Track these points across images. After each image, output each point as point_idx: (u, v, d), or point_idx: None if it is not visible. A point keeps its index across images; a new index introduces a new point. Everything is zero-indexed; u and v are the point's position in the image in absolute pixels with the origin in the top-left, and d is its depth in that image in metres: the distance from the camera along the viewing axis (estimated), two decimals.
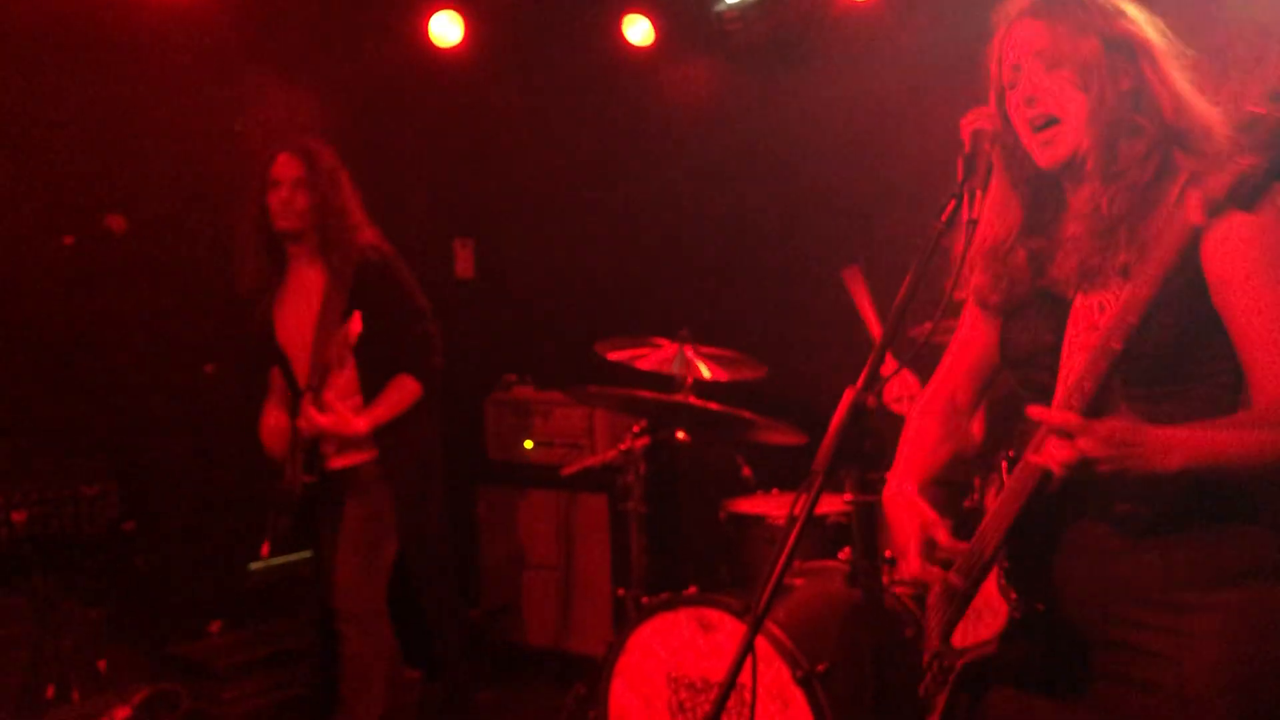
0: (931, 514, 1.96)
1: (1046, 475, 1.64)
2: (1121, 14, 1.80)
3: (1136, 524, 1.73)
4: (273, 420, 3.57)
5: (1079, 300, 1.79)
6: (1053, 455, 1.56)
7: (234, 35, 4.33)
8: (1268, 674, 1.67)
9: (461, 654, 4.17)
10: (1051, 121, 1.78)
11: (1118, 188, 1.73)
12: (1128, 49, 1.76)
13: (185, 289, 4.16)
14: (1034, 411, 1.59)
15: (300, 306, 3.52)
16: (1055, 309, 1.84)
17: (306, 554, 3.92)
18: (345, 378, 3.50)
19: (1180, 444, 1.58)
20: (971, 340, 2.09)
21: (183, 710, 3.77)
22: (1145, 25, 1.80)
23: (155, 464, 4.06)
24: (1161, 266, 1.52)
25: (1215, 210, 1.47)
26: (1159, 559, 1.72)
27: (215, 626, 4.06)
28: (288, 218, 3.46)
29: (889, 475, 2.14)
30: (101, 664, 3.80)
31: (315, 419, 3.35)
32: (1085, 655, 1.80)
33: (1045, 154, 1.80)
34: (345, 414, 3.41)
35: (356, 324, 3.27)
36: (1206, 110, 1.74)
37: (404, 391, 3.53)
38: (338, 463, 3.51)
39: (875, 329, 3.55)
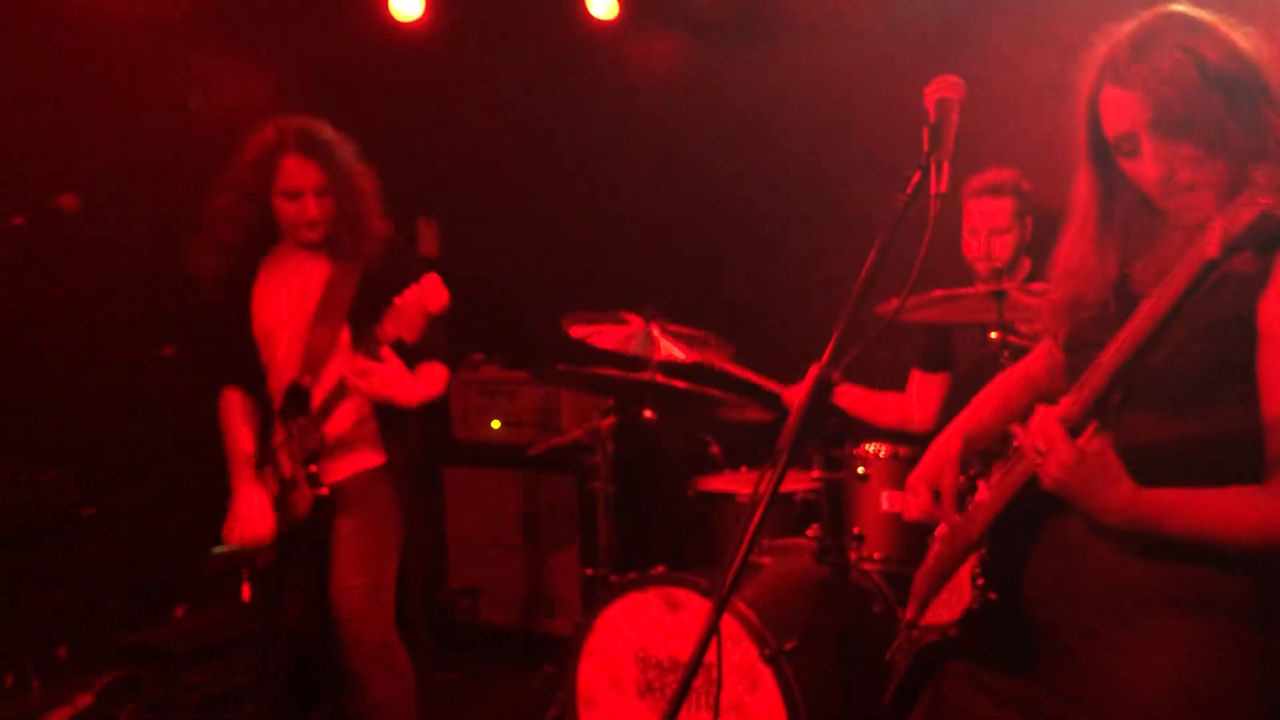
0: (952, 474, 1.97)
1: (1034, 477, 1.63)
2: (1225, 48, 1.64)
3: (1113, 533, 1.66)
4: (251, 497, 3.16)
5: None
6: (1026, 446, 1.58)
7: (188, 10, 4.25)
8: (1214, 712, 1.62)
9: (427, 635, 4.10)
10: (1190, 188, 1.66)
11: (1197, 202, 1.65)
12: (1242, 86, 1.62)
13: (140, 269, 4.09)
14: (1037, 411, 1.58)
15: (293, 298, 3.17)
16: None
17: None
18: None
19: (1129, 499, 1.56)
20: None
21: (145, 696, 3.72)
22: (1249, 58, 1.65)
23: (113, 448, 4.00)
24: (1169, 299, 1.42)
25: (1232, 248, 1.33)
26: (1128, 574, 1.68)
27: (179, 611, 4.01)
28: (311, 230, 3.07)
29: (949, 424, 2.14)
30: (62, 651, 3.75)
31: (370, 367, 2.90)
32: (1038, 653, 1.78)
33: (1183, 218, 1.68)
34: (402, 369, 3.00)
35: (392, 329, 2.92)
36: None
37: (439, 378, 3.18)
38: (334, 475, 3.14)
39: None
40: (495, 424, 4.82)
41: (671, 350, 3.70)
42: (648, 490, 4.63)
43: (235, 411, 3.27)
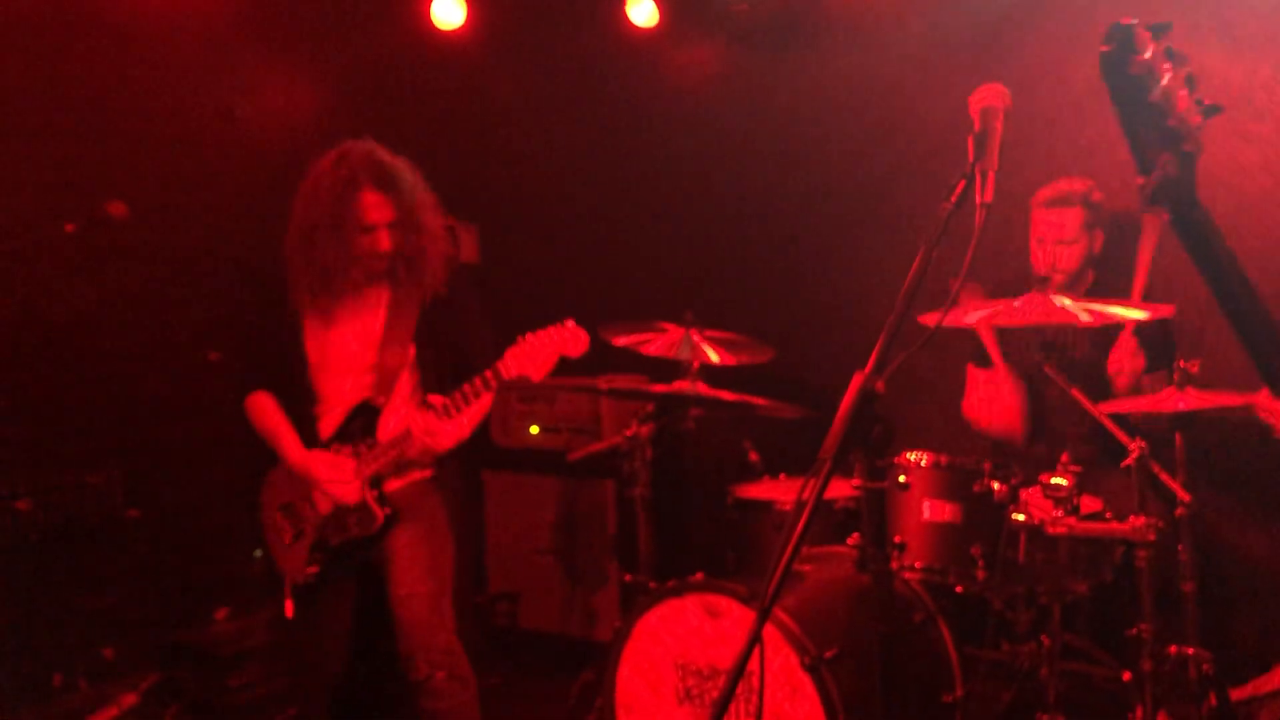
0: None
1: None
2: None
3: None
4: (327, 460, 3.19)
5: None
6: None
7: (233, 18, 4.30)
8: None
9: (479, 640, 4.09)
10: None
11: None
12: None
13: (187, 275, 4.14)
14: None
15: (356, 327, 3.24)
16: None
17: None
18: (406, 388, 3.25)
19: None
20: None
21: (189, 697, 3.76)
22: None
23: (159, 451, 4.05)
24: None
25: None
26: None
27: (221, 614, 4.05)
28: (375, 261, 3.16)
29: None
30: (108, 652, 3.79)
31: (436, 427, 3.03)
32: None
33: None
34: (458, 420, 3.12)
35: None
36: None
37: (487, 400, 3.22)
38: (391, 485, 3.23)
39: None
40: (534, 430, 4.83)
41: (712, 355, 3.70)
42: (686, 497, 4.63)
43: (273, 407, 3.30)
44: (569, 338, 3.06)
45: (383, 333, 3.21)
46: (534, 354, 3.03)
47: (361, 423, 3.20)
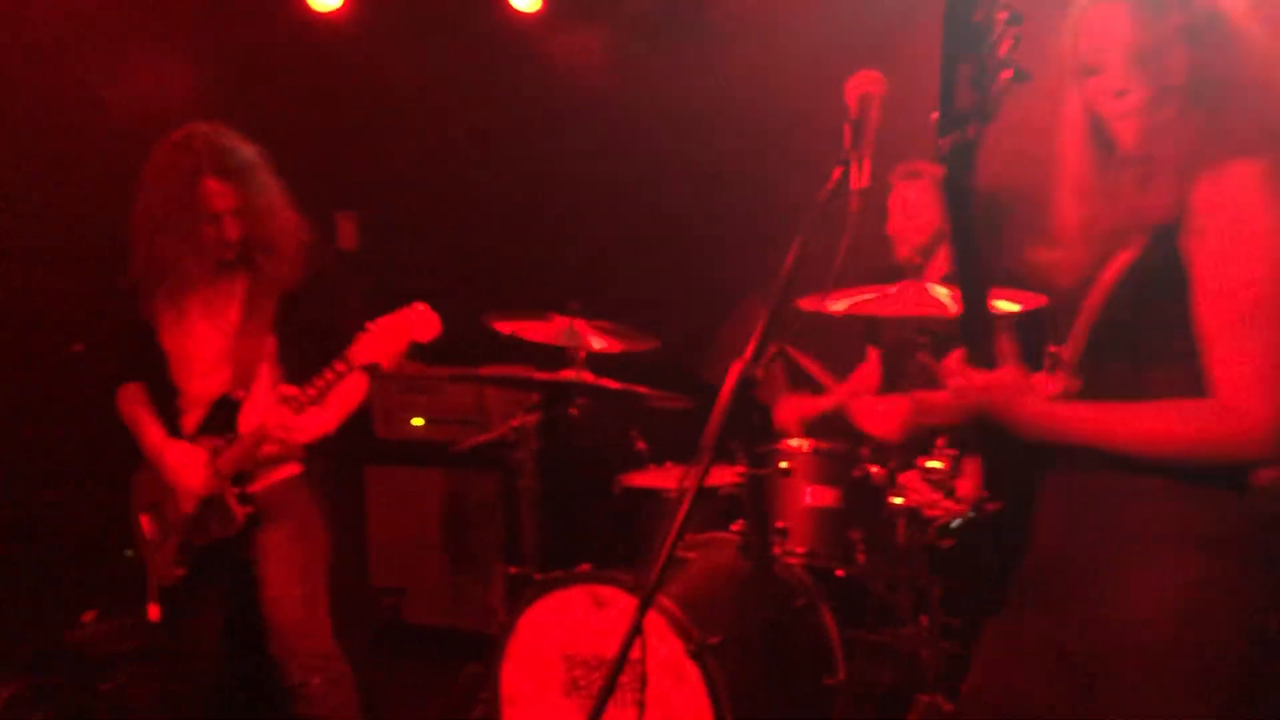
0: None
1: None
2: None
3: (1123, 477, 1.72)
4: (147, 495, 3.16)
5: None
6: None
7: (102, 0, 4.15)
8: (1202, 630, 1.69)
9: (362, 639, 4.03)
10: (1128, 115, 1.74)
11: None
12: (1206, 33, 1.71)
13: (52, 265, 3.98)
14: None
15: (211, 318, 3.15)
16: None
17: None
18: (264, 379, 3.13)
19: (1047, 412, 1.63)
20: None
21: (58, 702, 3.62)
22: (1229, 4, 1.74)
23: (22, 447, 3.88)
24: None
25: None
26: (1136, 511, 1.72)
27: (89, 616, 3.90)
28: (223, 250, 3.06)
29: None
30: None
31: (292, 423, 2.94)
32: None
33: (1121, 140, 1.76)
34: (315, 413, 3.03)
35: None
36: None
37: (359, 388, 3.17)
38: (253, 486, 3.11)
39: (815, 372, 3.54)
40: (417, 422, 4.76)
41: (596, 342, 3.69)
42: (573, 487, 4.61)
43: (139, 397, 3.21)
44: (418, 321, 2.96)
45: (239, 324, 3.11)
46: (383, 339, 2.93)
47: (222, 417, 3.08)
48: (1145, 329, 1.69)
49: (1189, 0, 1.72)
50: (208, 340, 3.14)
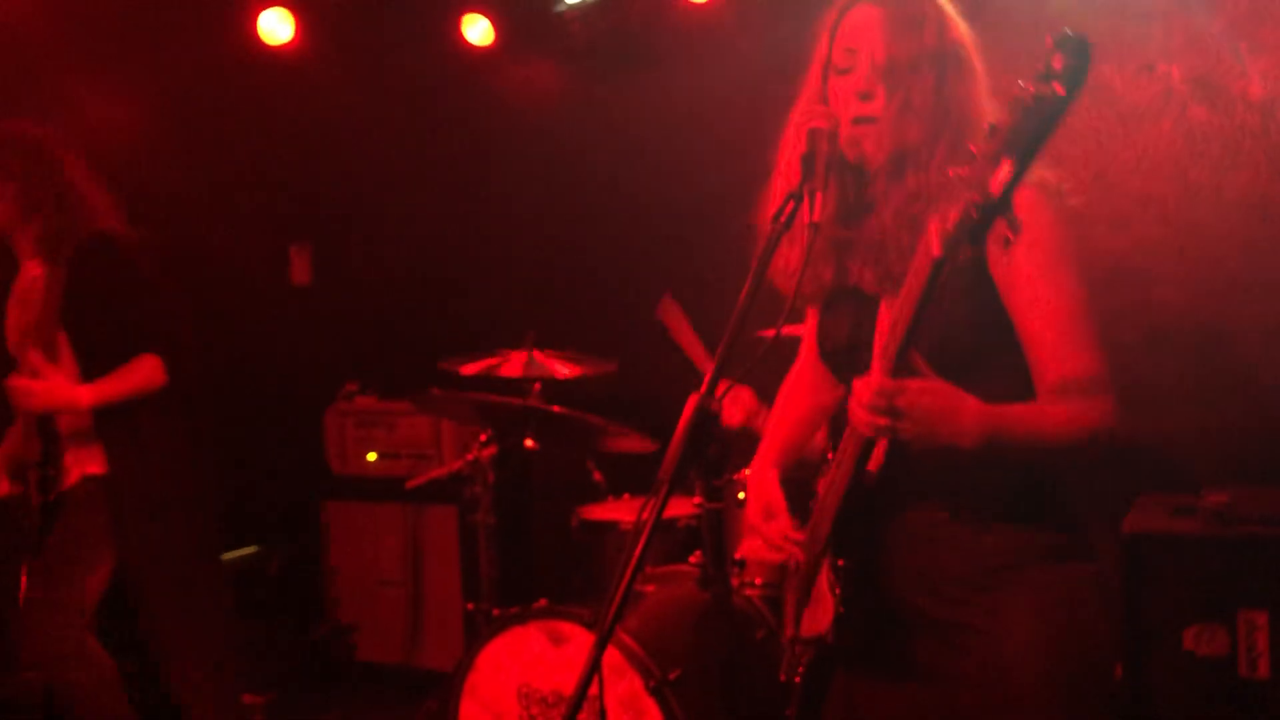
0: (778, 497, 2.03)
1: (866, 445, 1.69)
2: (952, 23, 1.83)
3: (954, 512, 1.81)
4: (7, 447, 3.28)
5: (885, 301, 1.84)
6: (861, 418, 1.59)
7: (51, 31, 4.10)
8: (1074, 641, 1.79)
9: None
10: (870, 120, 1.79)
11: (914, 201, 1.76)
12: (950, 61, 1.79)
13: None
14: (855, 386, 1.61)
15: (24, 302, 3.26)
16: (864, 306, 1.89)
17: None
18: (63, 372, 3.15)
19: (985, 411, 1.63)
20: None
21: None
22: (969, 39, 1.84)
23: None
24: (913, 298, 1.52)
25: (952, 244, 1.42)
26: (973, 542, 1.80)
27: None
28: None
29: (754, 457, 2.20)
30: None
31: (25, 386, 3.01)
32: (912, 638, 1.86)
33: (853, 151, 1.82)
34: (60, 380, 3.07)
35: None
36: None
37: (141, 369, 3.14)
38: (64, 483, 3.18)
39: (699, 358, 3.54)
40: (371, 456, 4.72)
41: (553, 372, 3.69)
42: (530, 521, 4.59)
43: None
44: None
45: (39, 311, 3.15)
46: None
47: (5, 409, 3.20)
48: (961, 338, 1.74)
49: (943, 27, 1.80)
50: (16, 326, 3.27)
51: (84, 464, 3.20)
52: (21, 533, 3.16)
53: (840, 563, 1.83)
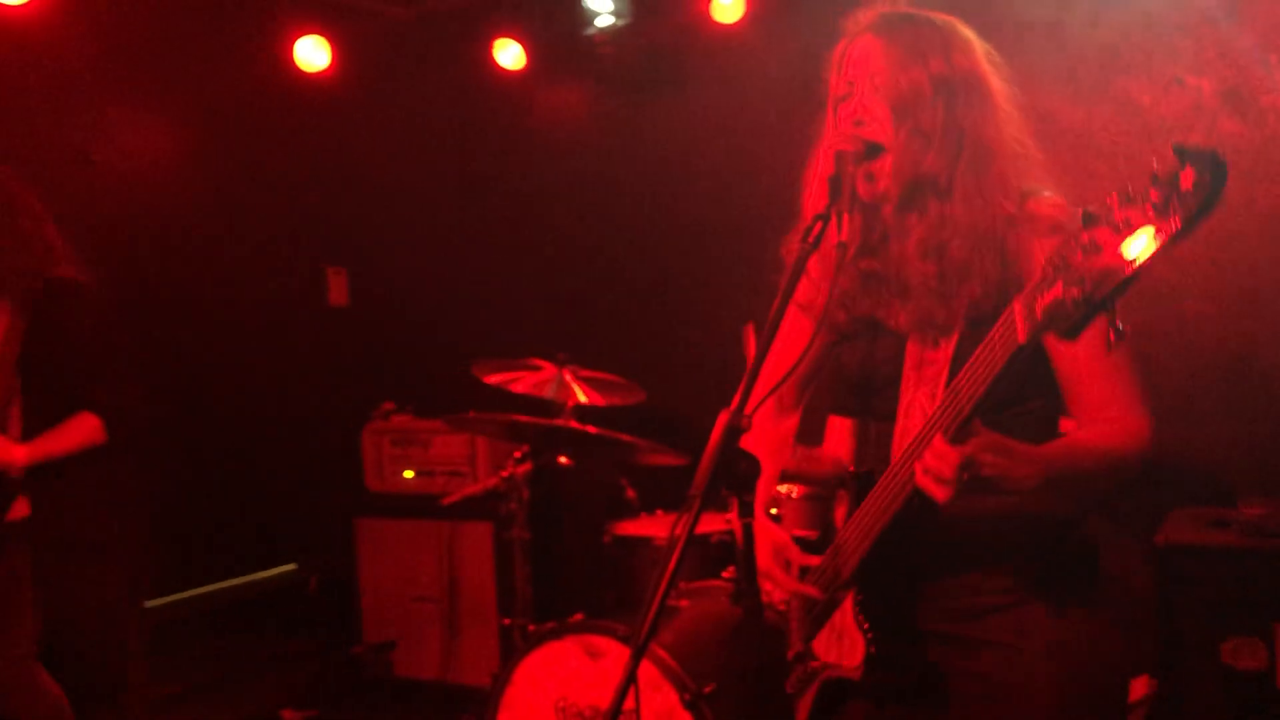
0: (780, 533, 1.99)
1: (912, 496, 1.66)
2: (961, 48, 1.80)
3: (977, 541, 1.81)
4: None
5: (914, 341, 1.83)
6: (936, 489, 1.56)
7: (89, 59, 4.18)
8: (1090, 664, 1.80)
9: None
10: (875, 150, 1.78)
11: (938, 230, 1.76)
12: (959, 86, 1.77)
13: None
14: (927, 457, 1.58)
15: None
16: (893, 341, 1.87)
17: None
18: (10, 417, 3.13)
19: (1042, 454, 1.63)
20: (798, 344, 2.07)
21: None
22: (984, 61, 1.81)
23: None
24: (988, 376, 1.50)
25: (1039, 333, 1.39)
26: (995, 568, 1.82)
27: None
28: None
29: None
30: None
31: None
32: (937, 667, 1.86)
33: (867, 187, 1.81)
34: (2, 440, 3.04)
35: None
36: (1030, 157, 1.79)
37: (80, 429, 3.15)
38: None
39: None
40: (408, 474, 4.77)
41: (584, 395, 3.72)
42: (564, 537, 4.62)
43: None
44: None
45: None
46: None
47: None
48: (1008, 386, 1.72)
49: (950, 52, 1.78)
50: None
51: (14, 512, 3.16)
52: None
53: (867, 599, 1.84)
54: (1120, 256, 1.23)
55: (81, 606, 3.27)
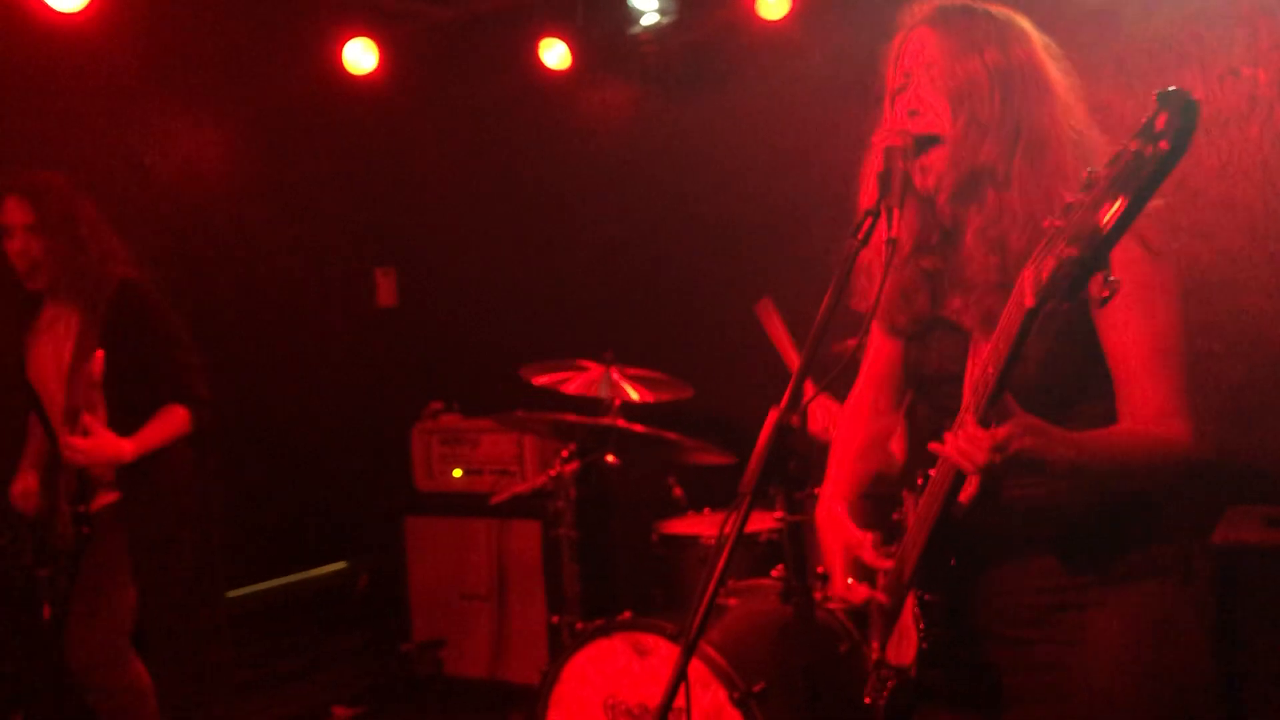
0: (857, 533, 1.98)
1: (958, 479, 1.65)
2: (1018, 39, 1.79)
3: (1039, 536, 1.79)
4: (20, 485, 3.39)
5: (977, 337, 1.81)
6: (968, 465, 1.57)
7: (140, 65, 4.25)
8: (1167, 663, 1.76)
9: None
10: (927, 143, 1.78)
11: (997, 221, 1.75)
12: (1015, 77, 1.76)
13: None
14: (959, 436, 1.58)
15: (53, 346, 3.34)
16: (957, 338, 1.86)
17: None
18: (98, 418, 3.23)
19: (1075, 439, 1.61)
20: (882, 349, 2.11)
21: None
22: (1041, 52, 1.80)
23: None
24: (1005, 345, 1.49)
25: (1045, 296, 1.39)
26: (1058, 565, 1.79)
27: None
28: (26, 267, 3.27)
29: (819, 492, 2.15)
30: None
31: (77, 445, 3.11)
32: (997, 669, 1.83)
33: (921, 178, 1.80)
34: (109, 437, 3.17)
35: (98, 363, 3.08)
36: (1090, 147, 1.76)
37: (173, 419, 3.29)
38: (94, 506, 3.32)
39: (791, 359, 3.55)
40: (457, 473, 4.80)
41: (632, 393, 3.72)
42: (612, 535, 4.63)
43: (32, 432, 3.50)
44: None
45: (72, 354, 3.23)
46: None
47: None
48: (1058, 376, 1.73)
49: (1007, 44, 1.77)
50: (50, 374, 3.33)
51: (101, 499, 3.33)
52: (52, 554, 3.30)
53: (926, 597, 1.82)
54: (1108, 209, 1.28)
55: (168, 592, 3.38)
